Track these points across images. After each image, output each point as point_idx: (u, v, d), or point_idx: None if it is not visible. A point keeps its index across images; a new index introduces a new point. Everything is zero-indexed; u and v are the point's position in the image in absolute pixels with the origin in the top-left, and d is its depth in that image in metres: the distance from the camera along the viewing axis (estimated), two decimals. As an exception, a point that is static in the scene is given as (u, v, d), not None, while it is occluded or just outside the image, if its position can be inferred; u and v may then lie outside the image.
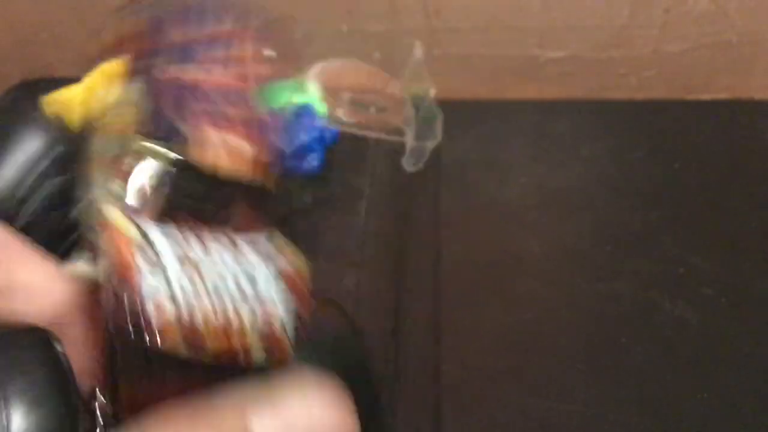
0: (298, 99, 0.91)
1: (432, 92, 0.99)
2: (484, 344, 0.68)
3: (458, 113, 1.05)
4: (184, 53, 0.37)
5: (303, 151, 0.87)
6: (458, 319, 0.73)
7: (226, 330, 0.38)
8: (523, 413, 0.60)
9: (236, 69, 0.39)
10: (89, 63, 1.04)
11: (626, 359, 0.64)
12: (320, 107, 0.91)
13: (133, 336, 0.37)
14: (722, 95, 1.13)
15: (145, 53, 0.37)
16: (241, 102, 0.40)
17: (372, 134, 0.87)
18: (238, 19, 0.40)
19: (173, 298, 0.37)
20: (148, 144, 0.40)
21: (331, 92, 0.92)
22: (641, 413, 0.59)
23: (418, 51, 0.99)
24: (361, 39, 1.03)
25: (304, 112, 0.89)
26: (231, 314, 0.38)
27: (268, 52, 0.41)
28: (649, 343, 0.67)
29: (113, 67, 1.02)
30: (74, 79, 1.05)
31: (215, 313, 0.38)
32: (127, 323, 0.37)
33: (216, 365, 0.38)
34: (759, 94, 1.11)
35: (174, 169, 0.39)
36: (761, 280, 0.75)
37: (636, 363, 0.64)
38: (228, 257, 0.39)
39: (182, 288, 0.37)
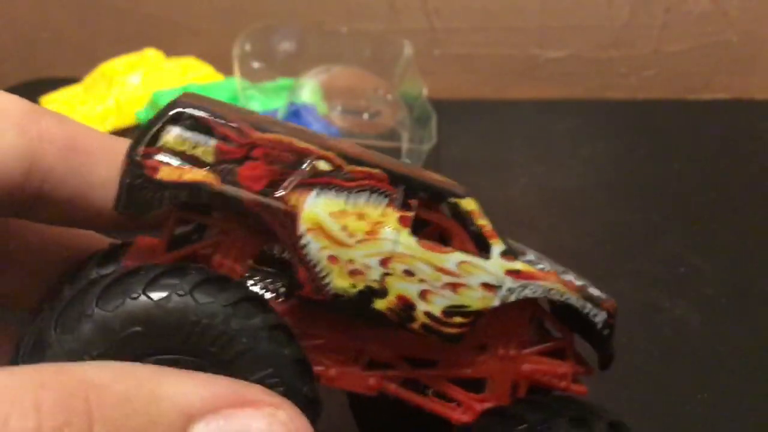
0: (298, 99, 0.91)
1: (425, 91, 0.98)
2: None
3: (458, 113, 1.05)
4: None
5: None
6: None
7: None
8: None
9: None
10: (89, 63, 1.04)
11: (626, 359, 0.64)
12: (320, 107, 0.91)
13: None
14: (722, 95, 1.13)
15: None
16: None
17: (366, 140, 0.87)
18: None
19: None
20: None
21: (324, 101, 0.92)
22: (641, 413, 0.59)
23: (408, 50, 0.99)
24: (360, 39, 1.03)
25: (304, 111, 0.89)
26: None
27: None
28: (649, 343, 0.67)
29: (113, 66, 1.03)
30: (74, 79, 1.05)
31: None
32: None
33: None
34: (759, 94, 1.12)
35: None
36: (761, 280, 0.75)
37: (636, 363, 0.64)
38: None
39: None
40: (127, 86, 1.00)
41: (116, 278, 0.32)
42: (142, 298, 0.32)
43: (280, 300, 0.38)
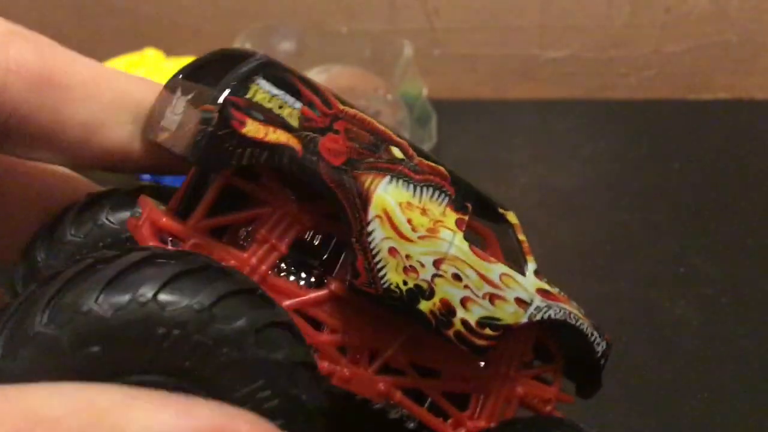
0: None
1: (425, 91, 0.98)
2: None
3: (458, 113, 1.05)
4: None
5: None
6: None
7: None
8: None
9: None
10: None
11: (626, 359, 0.64)
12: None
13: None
14: (722, 95, 1.13)
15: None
16: None
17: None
18: None
19: None
20: None
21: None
22: (641, 413, 0.59)
23: (408, 50, 0.99)
24: (360, 39, 1.03)
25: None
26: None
27: None
28: (649, 343, 0.67)
29: (113, 66, 1.02)
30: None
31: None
32: None
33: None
34: (759, 94, 1.12)
35: None
36: (761, 280, 0.75)
37: (636, 363, 0.64)
38: None
39: None
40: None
41: (67, 280, 0.27)
42: (95, 308, 0.26)
43: (311, 288, 0.36)
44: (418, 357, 0.38)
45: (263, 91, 0.32)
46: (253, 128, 0.31)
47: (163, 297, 0.27)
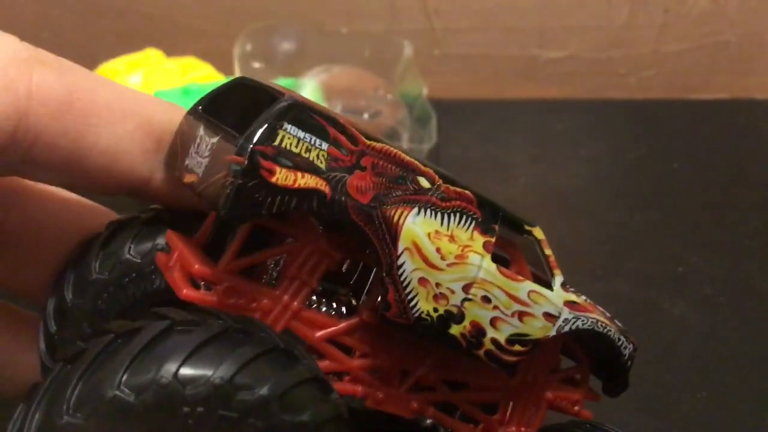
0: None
1: (425, 91, 0.98)
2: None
3: (458, 113, 1.05)
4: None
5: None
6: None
7: None
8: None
9: None
10: (89, 63, 1.04)
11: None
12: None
13: None
14: (722, 95, 1.13)
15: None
16: None
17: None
18: None
19: None
20: None
21: (325, 101, 0.92)
22: (641, 413, 0.59)
23: (408, 50, 0.99)
24: (360, 39, 1.03)
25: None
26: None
27: None
28: (649, 343, 0.67)
29: (113, 66, 1.03)
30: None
31: None
32: None
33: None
34: (759, 94, 1.12)
35: None
36: (761, 280, 0.75)
37: (636, 363, 0.64)
38: None
39: None
40: (127, 86, 0.99)
41: (89, 363, 0.27)
42: (119, 395, 0.26)
43: (342, 317, 0.37)
44: (448, 373, 0.39)
45: (290, 136, 0.32)
46: (282, 176, 0.31)
47: (183, 373, 0.27)
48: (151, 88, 0.97)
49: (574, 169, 0.96)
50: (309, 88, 0.92)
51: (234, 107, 0.35)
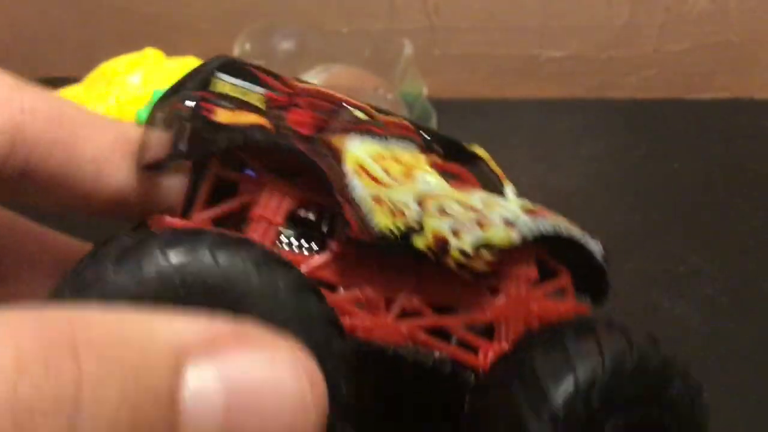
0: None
1: (425, 91, 0.98)
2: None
3: (457, 112, 1.05)
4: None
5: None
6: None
7: None
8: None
9: None
10: (89, 63, 1.04)
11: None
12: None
13: None
14: (722, 95, 1.13)
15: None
16: None
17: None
18: None
19: None
20: None
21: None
22: (641, 413, 0.59)
23: (408, 49, 0.98)
24: (360, 39, 1.03)
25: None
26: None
27: None
28: (649, 343, 0.67)
29: (113, 66, 1.03)
30: (74, 79, 1.05)
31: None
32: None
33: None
34: (759, 94, 1.12)
35: None
36: (762, 279, 0.75)
37: (636, 363, 0.64)
38: None
39: None
40: (127, 86, 1.00)
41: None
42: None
43: (315, 254, 0.38)
44: (432, 297, 0.40)
45: (224, 82, 0.35)
46: (223, 115, 0.34)
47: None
48: (151, 87, 0.97)
49: (574, 169, 0.96)
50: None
51: (178, 84, 0.38)
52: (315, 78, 0.94)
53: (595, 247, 0.44)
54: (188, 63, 1.05)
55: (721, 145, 1.00)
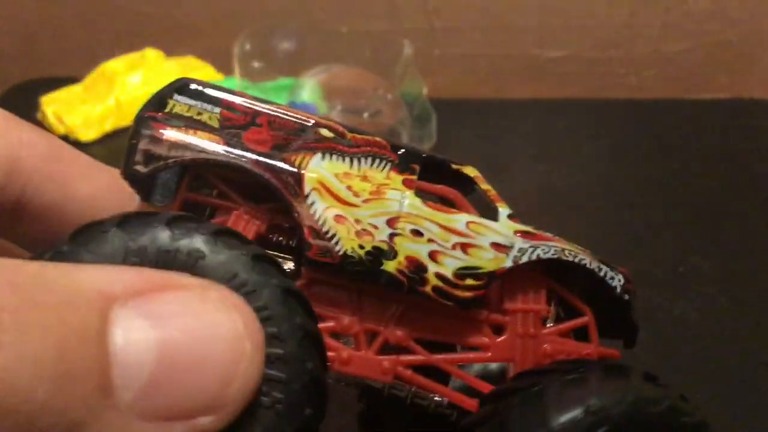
0: (298, 98, 0.91)
1: (425, 91, 0.98)
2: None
3: (458, 112, 1.05)
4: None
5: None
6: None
7: None
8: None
9: None
10: (89, 63, 1.04)
11: (625, 359, 0.64)
12: (321, 106, 0.91)
13: None
14: (722, 95, 1.13)
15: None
16: None
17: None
18: None
19: None
20: None
21: (325, 100, 0.92)
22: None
23: (408, 49, 0.98)
24: (360, 39, 1.03)
25: (304, 111, 0.89)
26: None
27: None
28: (649, 343, 0.67)
29: (113, 66, 1.03)
30: (74, 79, 1.05)
31: None
32: None
33: None
34: (759, 94, 1.12)
35: None
36: (761, 279, 0.75)
37: (635, 363, 0.64)
38: None
39: None
40: (127, 86, 1.00)
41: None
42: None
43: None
44: (423, 331, 0.38)
45: (180, 104, 0.36)
46: (172, 134, 0.35)
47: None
48: (151, 88, 0.97)
49: (574, 169, 0.96)
50: (309, 88, 0.92)
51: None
52: (315, 78, 0.94)
53: (613, 279, 0.41)
54: (188, 63, 1.05)
55: (721, 145, 1.00)
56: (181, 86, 0.36)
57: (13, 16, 1.20)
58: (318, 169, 0.35)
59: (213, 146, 0.35)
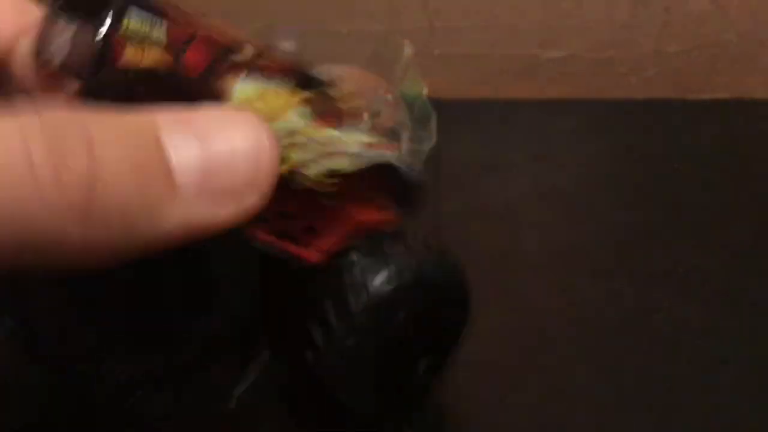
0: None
1: (425, 91, 0.98)
2: (483, 344, 0.68)
3: (458, 113, 1.05)
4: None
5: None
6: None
7: None
8: (522, 413, 0.60)
9: None
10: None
11: (625, 359, 0.64)
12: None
13: None
14: (722, 95, 1.13)
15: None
16: None
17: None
18: None
19: None
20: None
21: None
22: (641, 413, 0.59)
23: (408, 49, 0.98)
24: (360, 39, 1.03)
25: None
26: None
27: None
28: (649, 343, 0.67)
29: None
30: (74, 79, 1.05)
31: None
32: None
33: None
34: (759, 94, 1.11)
35: None
36: (761, 280, 0.75)
37: (635, 363, 0.64)
38: None
39: None
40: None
41: None
42: None
43: None
44: (280, 206, 0.45)
45: (135, 18, 0.38)
46: (131, 52, 0.38)
47: None
48: (151, 88, 0.97)
49: (574, 169, 0.96)
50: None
51: (88, 5, 0.40)
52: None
53: (413, 173, 0.56)
54: (188, 63, 1.05)
55: (721, 145, 1.00)
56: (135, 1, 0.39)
57: (13, 16, 1.19)
58: (242, 88, 0.42)
59: (163, 65, 0.39)
